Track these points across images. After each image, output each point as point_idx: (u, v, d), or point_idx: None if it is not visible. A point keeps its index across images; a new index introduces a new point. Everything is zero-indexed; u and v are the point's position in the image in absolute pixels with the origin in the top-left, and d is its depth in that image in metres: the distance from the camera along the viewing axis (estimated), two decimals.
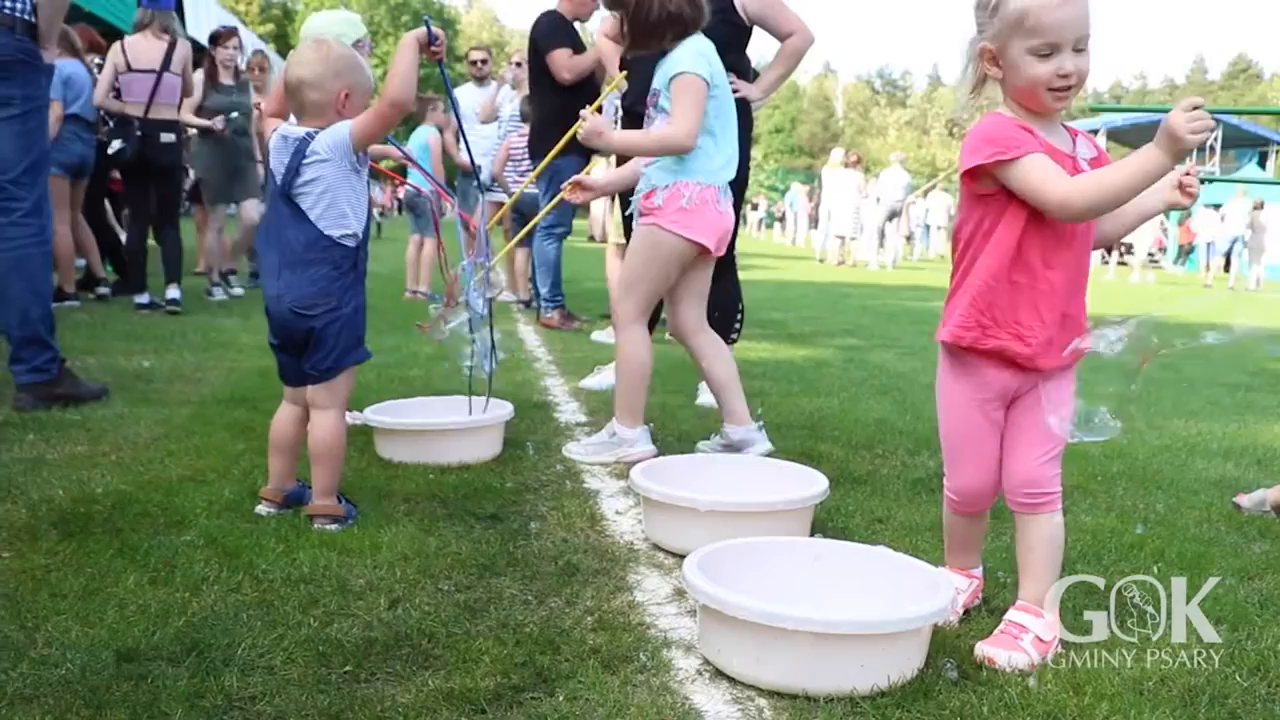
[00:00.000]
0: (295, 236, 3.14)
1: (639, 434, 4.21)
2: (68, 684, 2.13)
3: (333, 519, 3.20)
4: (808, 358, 7.44)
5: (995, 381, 2.52)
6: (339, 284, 3.17)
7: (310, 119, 3.19)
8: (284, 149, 3.15)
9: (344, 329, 3.20)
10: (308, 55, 3.20)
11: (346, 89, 3.18)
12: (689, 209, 4.01)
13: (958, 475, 2.67)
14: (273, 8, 62.64)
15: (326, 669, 2.26)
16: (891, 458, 4.36)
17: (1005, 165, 2.34)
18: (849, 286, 15.48)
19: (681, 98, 3.92)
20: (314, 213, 3.13)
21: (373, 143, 3.22)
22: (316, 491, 3.26)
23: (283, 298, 3.17)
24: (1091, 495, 3.88)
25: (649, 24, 3.99)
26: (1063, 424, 2.44)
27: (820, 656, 2.21)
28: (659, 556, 3.13)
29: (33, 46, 4.57)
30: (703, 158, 4.01)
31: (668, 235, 4.04)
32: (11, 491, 3.38)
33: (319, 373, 3.22)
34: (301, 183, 3.12)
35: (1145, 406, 5.86)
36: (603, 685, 2.23)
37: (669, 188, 4.01)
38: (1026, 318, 2.43)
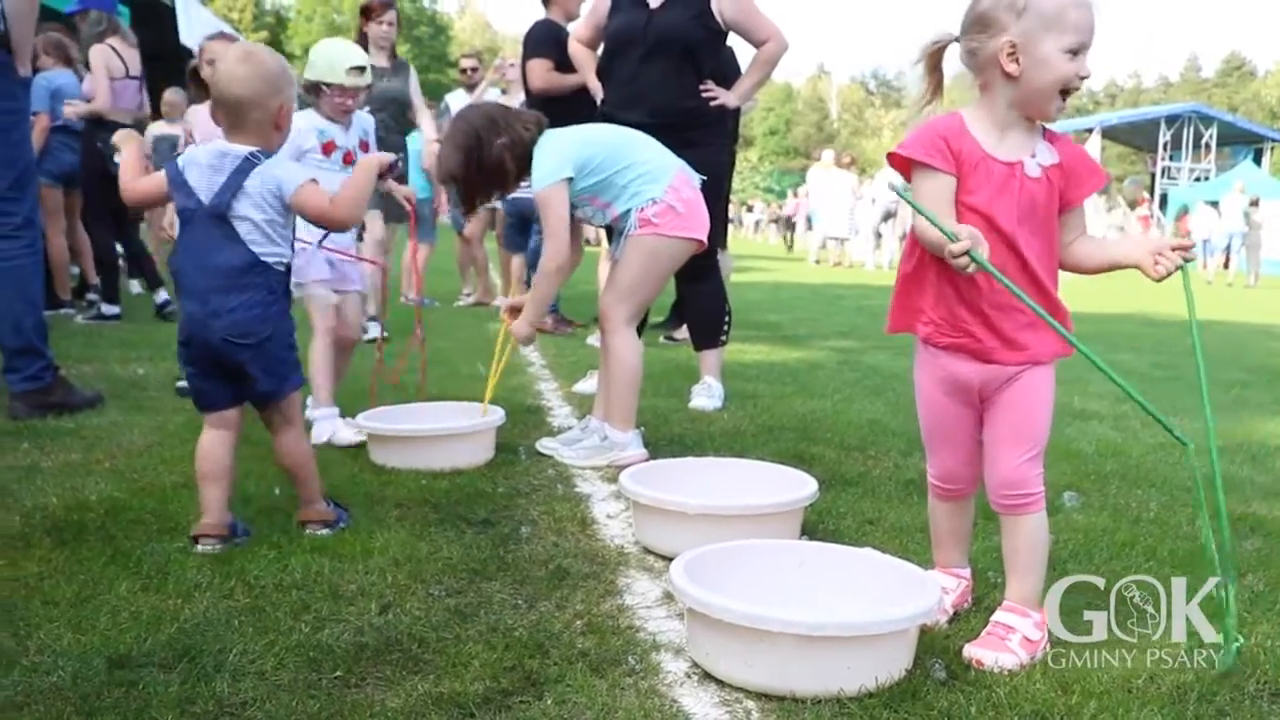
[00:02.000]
0: (227, 259, 2.98)
1: (631, 437, 4.22)
2: (59, 691, 2.14)
3: (324, 523, 3.19)
4: (801, 359, 7.45)
5: (955, 369, 2.57)
6: (275, 309, 3.05)
7: (248, 136, 3.05)
8: (219, 167, 2.99)
9: (281, 355, 3.09)
10: (244, 72, 3.04)
11: (285, 102, 3.09)
12: (684, 211, 4.16)
13: (934, 459, 2.73)
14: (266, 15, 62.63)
15: (317, 674, 2.27)
16: (884, 459, 4.37)
17: (913, 165, 2.49)
18: (843, 288, 15.49)
19: (544, 214, 4.15)
20: (248, 236, 2.99)
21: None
22: (303, 500, 3.24)
23: (212, 324, 2.98)
24: (1084, 494, 3.89)
25: (490, 177, 4.16)
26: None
27: (806, 658, 2.22)
28: (649, 560, 3.14)
29: (6, 59, 4.52)
30: (646, 178, 4.17)
31: (670, 241, 4.17)
32: (5, 499, 3.39)
33: (263, 397, 3.13)
34: (238, 204, 2.98)
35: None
36: (591, 689, 2.24)
37: (655, 201, 4.14)
38: (966, 314, 2.51)
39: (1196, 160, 36.48)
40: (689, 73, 5.14)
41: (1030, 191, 2.46)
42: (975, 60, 2.48)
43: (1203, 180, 34.50)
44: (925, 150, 2.46)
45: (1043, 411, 2.53)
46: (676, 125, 4.87)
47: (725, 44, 5.46)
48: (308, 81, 4.36)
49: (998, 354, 2.51)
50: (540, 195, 4.09)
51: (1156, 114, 38.42)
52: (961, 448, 2.66)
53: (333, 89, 4.34)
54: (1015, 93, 2.44)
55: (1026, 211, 2.46)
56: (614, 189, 4.16)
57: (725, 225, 6.81)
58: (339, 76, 4.31)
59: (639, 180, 4.15)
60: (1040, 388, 2.52)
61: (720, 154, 5.47)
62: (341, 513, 3.29)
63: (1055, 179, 2.47)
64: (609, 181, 4.14)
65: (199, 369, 3.09)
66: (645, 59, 5.12)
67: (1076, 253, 2.57)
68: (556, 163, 4.08)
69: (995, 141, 2.47)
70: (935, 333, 2.57)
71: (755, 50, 5.34)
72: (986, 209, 2.45)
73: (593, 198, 4.18)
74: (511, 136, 4.07)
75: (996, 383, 2.54)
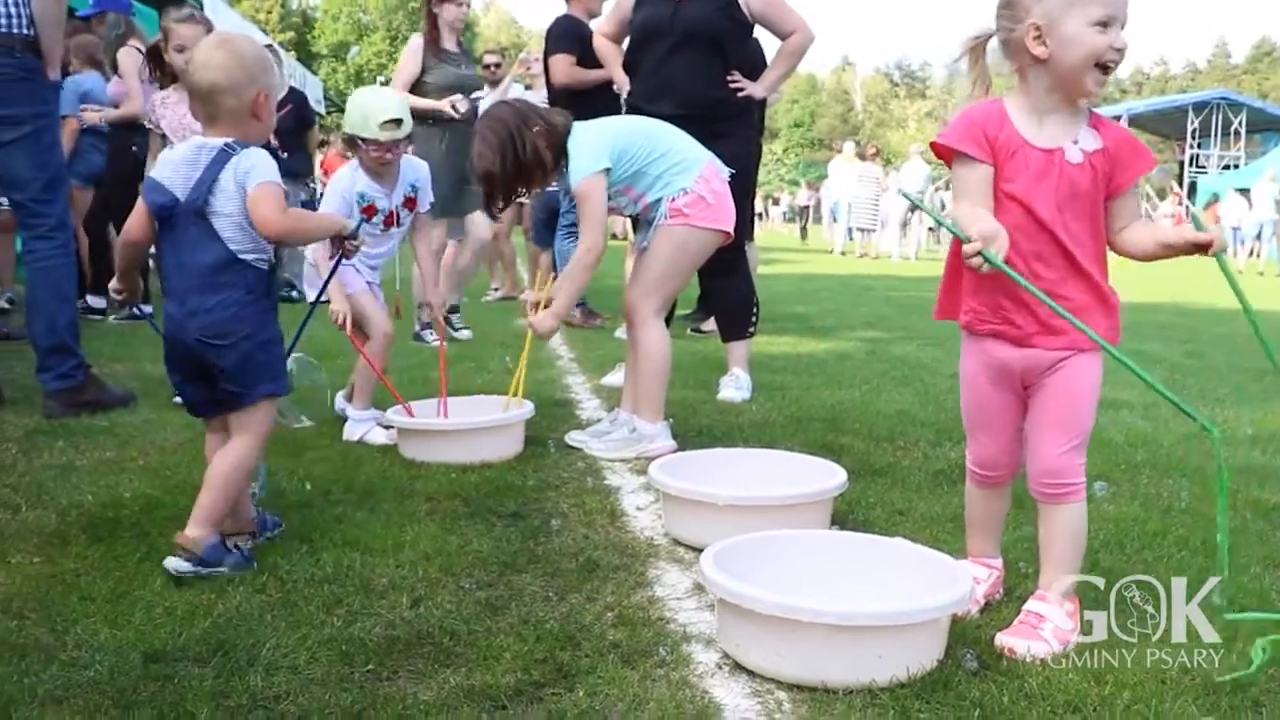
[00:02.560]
0: (204, 258, 2.83)
1: (660, 429, 4.23)
2: (97, 685, 2.17)
3: (188, 556, 2.77)
4: (829, 350, 7.43)
5: (997, 354, 2.57)
6: (251, 309, 2.87)
7: (225, 126, 2.90)
8: (195, 161, 2.85)
9: (255, 360, 2.89)
10: (219, 58, 2.89)
11: (263, 91, 2.92)
12: (714, 202, 4.18)
13: (974, 444, 2.71)
14: (292, 15, 62.89)
15: (349, 668, 2.29)
16: (913, 449, 4.36)
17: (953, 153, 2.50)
18: (871, 279, 15.44)
19: (584, 206, 4.11)
20: (226, 233, 2.83)
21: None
22: (191, 518, 2.84)
23: (188, 325, 2.84)
24: (1115, 484, 3.87)
25: (521, 173, 4.10)
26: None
27: (838, 648, 2.22)
28: (679, 551, 3.15)
29: (36, 63, 4.58)
30: (678, 168, 4.17)
31: (700, 232, 4.18)
32: (41, 497, 3.43)
33: (232, 396, 2.93)
34: (215, 199, 2.82)
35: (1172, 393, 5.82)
36: (622, 680, 2.25)
37: (687, 191, 4.14)
38: (1004, 300, 2.50)
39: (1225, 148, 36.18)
40: (716, 64, 5.14)
41: (1071, 178, 2.43)
42: (1008, 48, 2.48)
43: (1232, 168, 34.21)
44: (961, 139, 2.47)
45: (1085, 401, 2.51)
46: (704, 116, 4.87)
47: (751, 36, 5.45)
48: (345, 135, 4.35)
49: (1036, 339, 2.50)
50: (580, 188, 4.07)
51: (1184, 101, 38.15)
52: (1002, 435, 2.64)
53: (368, 143, 4.29)
54: (1049, 76, 2.42)
55: (1067, 198, 2.44)
56: (646, 179, 4.16)
57: (752, 218, 6.79)
58: (372, 131, 4.25)
59: (671, 170, 4.15)
60: (1083, 376, 2.50)
61: (747, 145, 5.48)
62: (229, 555, 2.85)
63: (1100, 165, 2.43)
64: (642, 172, 4.14)
65: (181, 373, 2.97)
66: (672, 51, 5.13)
67: (1128, 239, 2.52)
68: (594, 154, 4.07)
69: (1035, 128, 2.46)
70: (975, 320, 2.57)
71: (781, 42, 5.34)
72: (1025, 197, 2.44)
73: (627, 188, 4.18)
74: (546, 125, 4.05)
75: (1039, 369, 2.52)
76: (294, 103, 10.11)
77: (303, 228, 3.06)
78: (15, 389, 5.06)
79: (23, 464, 3.84)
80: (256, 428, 2.95)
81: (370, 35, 62.29)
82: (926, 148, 7.79)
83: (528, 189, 4.20)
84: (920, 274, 17.15)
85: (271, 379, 2.96)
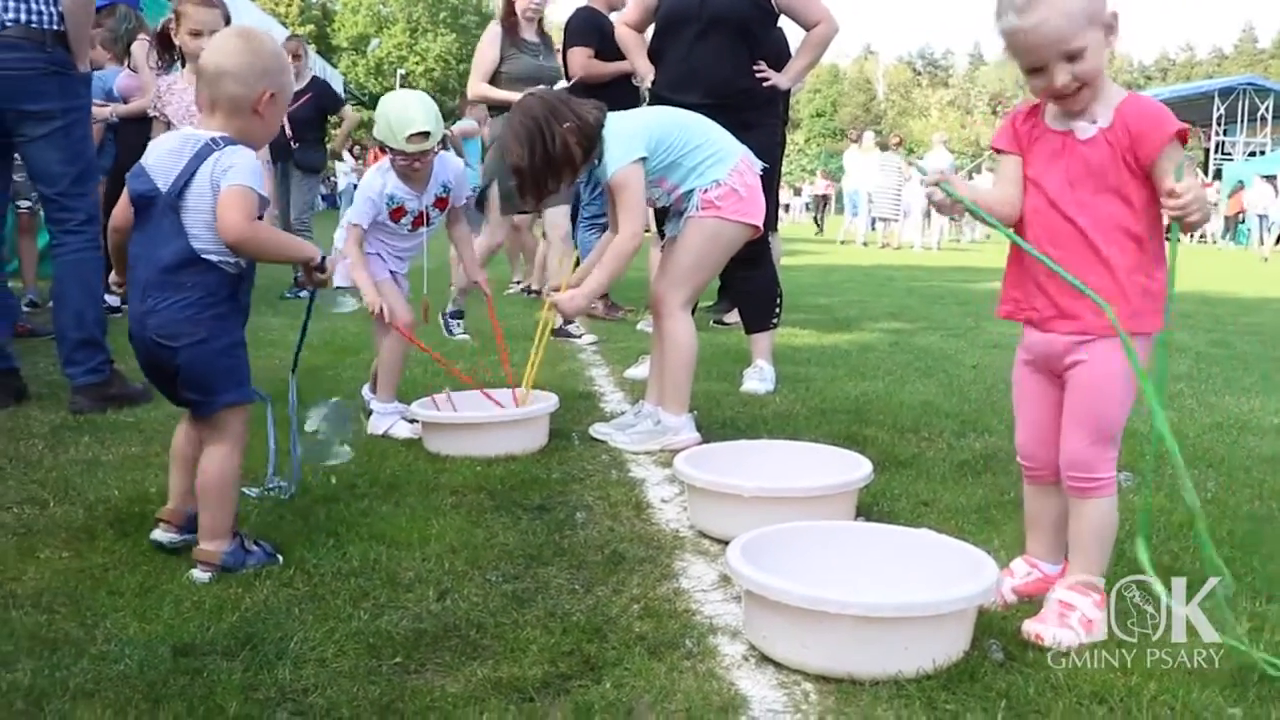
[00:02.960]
0: (165, 253, 2.72)
1: (685, 421, 4.23)
2: (127, 679, 2.18)
3: (209, 567, 2.77)
4: (852, 342, 7.42)
5: (1029, 340, 2.60)
6: (209, 314, 2.75)
7: (222, 116, 2.81)
8: (180, 152, 2.75)
9: (212, 366, 2.79)
10: (234, 44, 2.84)
11: (271, 89, 2.82)
12: (745, 195, 4.16)
13: (1017, 434, 2.72)
14: (312, 9, 63.02)
15: (377, 660, 2.30)
16: (937, 440, 4.35)
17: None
18: (893, 269, 15.40)
19: (622, 195, 4.06)
20: (193, 229, 2.72)
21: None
22: (200, 532, 2.84)
23: (146, 322, 2.75)
24: (1140, 474, 3.84)
25: (549, 168, 4.04)
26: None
27: (864, 640, 2.22)
28: (704, 543, 3.15)
29: (65, 57, 4.61)
30: (712, 159, 4.15)
31: (731, 225, 4.16)
32: (69, 493, 3.45)
33: (194, 405, 2.88)
34: (189, 194, 2.72)
35: (1196, 384, 5.80)
36: (649, 672, 2.25)
37: (719, 184, 4.13)
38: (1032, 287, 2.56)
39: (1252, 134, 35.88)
40: (743, 52, 5.14)
41: (1082, 156, 2.44)
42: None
43: (1258, 154, 33.92)
44: (997, 136, 2.63)
45: (1105, 392, 2.48)
46: (732, 106, 4.86)
47: (776, 25, 5.44)
48: (375, 140, 4.34)
49: (1052, 323, 2.52)
50: (617, 177, 4.03)
51: (1210, 87, 37.83)
52: (1035, 424, 2.64)
53: (396, 153, 4.27)
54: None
55: (1078, 176, 2.44)
56: (681, 170, 4.14)
57: (777, 208, 6.78)
58: (399, 143, 4.21)
59: (706, 162, 4.13)
60: (1102, 367, 2.47)
61: (774, 135, 5.48)
62: (248, 555, 2.84)
63: (1116, 141, 2.41)
64: (677, 163, 4.12)
65: (143, 368, 2.91)
66: (700, 38, 5.12)
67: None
68: (630, 143, 4.05)
69: (1055, 112, 2.50)
70: (1015, 309, 2.60)
71: (805, 33, 5.33)
72: (1038, 178, 2.49)
73: (660, 179, 4.16)
74: (576, 121, 4.00)
75: (1059, 355, 2.52)
76: (314, 92, 10.10)
77: (263, 242, 2.77)
78: (40, 385, 5.09)
79: (49, 459, 3.86)
80: (229, 434, 2.86)
81: (390, 28, 62.34)
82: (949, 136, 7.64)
83: (556, 184, 4.16)
84: (943, 264, 17.10)
85: (234, 386, 2.84)
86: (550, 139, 3.96)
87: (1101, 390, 2.48)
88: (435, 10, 63.09)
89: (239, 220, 2.67)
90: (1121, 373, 2.46)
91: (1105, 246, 2.43)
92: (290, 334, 7.16)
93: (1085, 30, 2.36)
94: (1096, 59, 2.39)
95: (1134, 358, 2.34)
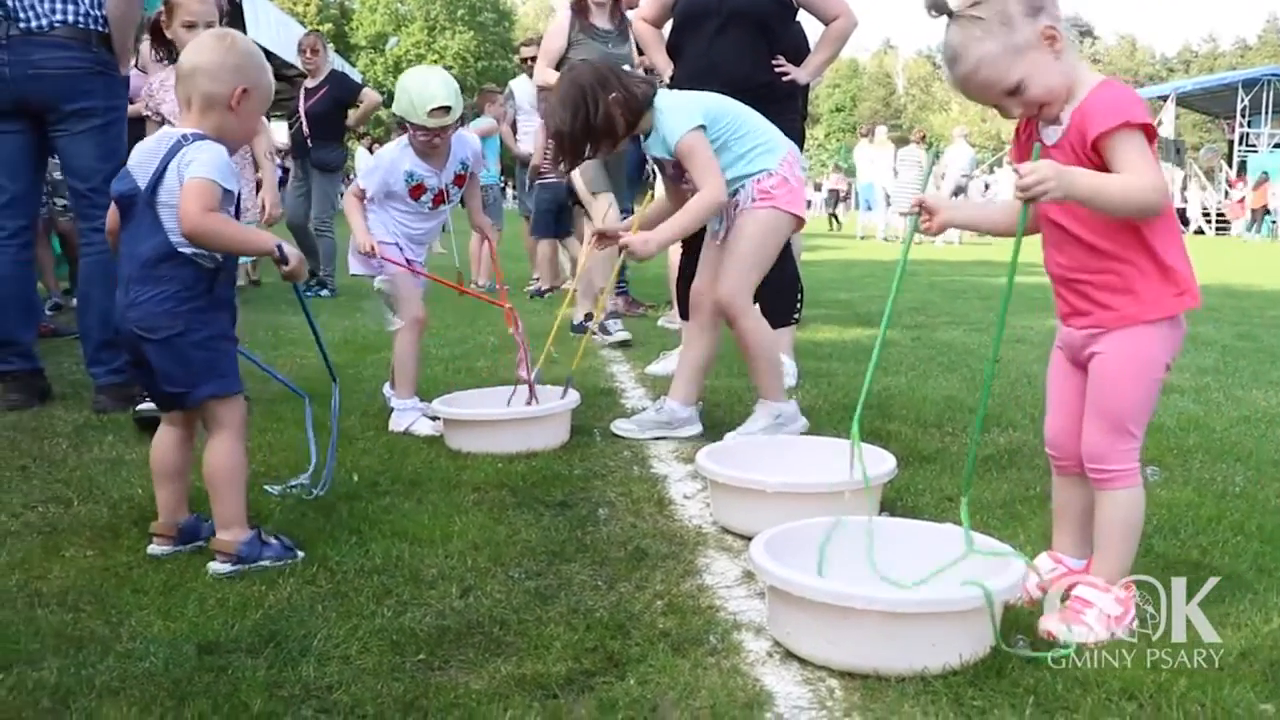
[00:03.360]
0: (146, 248, 2.79)
1: (793, 407, 4.31)
2: (152, 676, 2.19)
3: (227, 557, 2.80)
4: (874, 336, 7.35)
5: (1062, 333, 2.61)
6: (187, 307, 2.79)
7: (197, 113, 2.84)
8: (157, 150, 2.81)
9: (188, 357, 2.81)
10: (208, 42, 2.88)
11: (245, 86, 2.84)
12: (795, 186, 4.18)
13: (1046, 423, 2.72)
14: (330, 8, 63.21)
15: (401, 658, 2.30)
16: (961, 435, 4.32)
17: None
18: (915, 264, 15.29)
19: (693, 160, 4.00)
20: (169, 223, 2.77)
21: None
22: (216, 522, 2.89)
23: (127, 315, 2.81)
24: (1167, 469, 3.82)
25: (589, 136, 4.04)
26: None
27: (890, 636, 2.20)
28: (727, 539, 3.14)
29: (109, 58, 4.69)
30: (762, 148, 4.14)
31: (785, 216, 4.18)
32: (93, 491, 3.46)
33: (175, 398, 2.89)
34: (161, 189, 2.78)
35: (1223, 377, 5.76)
36: (673, 668, 2.25)
37: (771, 174, 4.13)
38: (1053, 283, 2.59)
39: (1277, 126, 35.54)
40: (763, 46, 5.12)
41: (1051, 160, 2.42)
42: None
43: None
44: (1012, 148, 2.66)
45: (1118, 385, 2.46)
46: (752, 100, 4.83)
47: (795, 19, 5.42)
48: (394, 116, 4.34)
49: (1070, 318, 2.54)
50: (682, 144, 3.99)
51: (1234, 79, 37.44)
52: (1062, 412, 2.63)
53: (416, 128, 4.27)
54: None
55: None
56: (730, 155, 4.10)
57: None
58: (420, 118, 4.20)
59: (756, 150, 4.12)
60: (1116, 360, 2.46)
61: (793, 130, 5.44)
62: (265, 548, 2.85)
63: (1073, 143, 2.40)
64: (727, 145, 4.10)
65: (129, 366, 2.96)
66: (720, 32, 5.10)
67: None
68: (688, 114, 4.02)
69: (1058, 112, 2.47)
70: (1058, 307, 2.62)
71: (824, 27, 5.31)
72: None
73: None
74: (624, 93, 3.98)
75: (1078, 348, 2.53)
76: (329, 86, 10.06)
77: (217, 232, 2.75)
78: (64, 384, 5.12)
79: (73, 458, 3.88)
80: (226, 425, 2.88)
81: (408, 26, 62.53)
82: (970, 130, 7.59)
83: (594, 151, 4.15)
84: (964, 258, 17.03)
85: (215, 378, 2.86)
86: (594, 108, 3.95)
87: (1113, 382, 2.47)
88: (453, 8, 63.21)
89: (193, 211, 2.70)
90: (1134, 365, 2.45)
91: (1100, 242, 2.43)
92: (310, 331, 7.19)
93: (1016, 63, 2.36)
94: (1044, 78, 2.37)
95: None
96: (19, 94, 4.52)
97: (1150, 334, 2.44)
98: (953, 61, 2.42)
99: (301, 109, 10.02)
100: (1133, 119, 2.32)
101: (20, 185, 4.78)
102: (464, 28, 62.68)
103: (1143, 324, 2.43)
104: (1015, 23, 2.36)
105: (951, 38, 2.41)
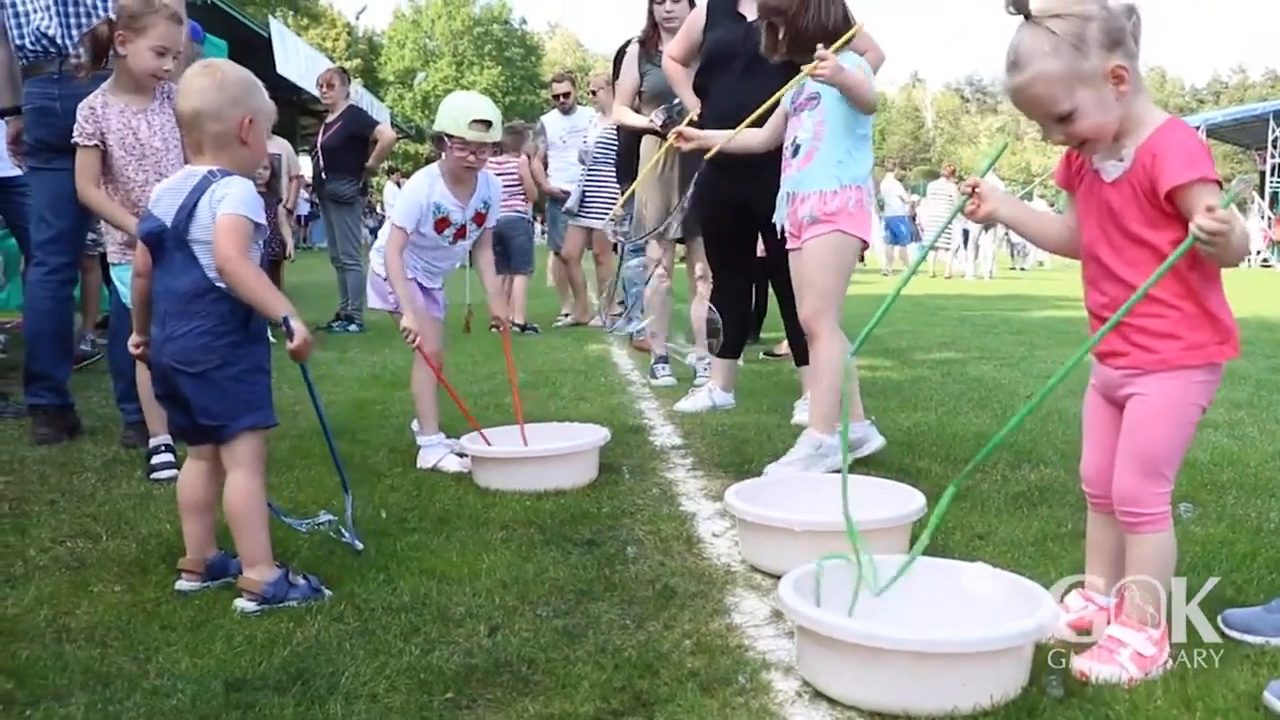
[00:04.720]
0: (182, 284, 2.83)
1: (867, 428, 4.44)
2: (179, 713, 2.19)
3: (252, 596, 2.80)
4: (904, 372, 7.36)
5: (1099, 371, 2.59)
6: (224, 341, 2.82)
7: (211, 153, 2.90)
8: (180, 189, 2.85)
9: (226, 390, 2.83)
10: (199, 83, 2.88)
11: (248, 114, 2.89)
12: (857, 213, 4.23)
13: (1083, 460, 2.70)
14: (359, 43, 63.84)
15: (428, 696, 2.29)
16: (992, 472, 4.28)
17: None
18: (945, 299, 15.28)
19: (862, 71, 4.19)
20: (204, 259, 2.81)
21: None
22: (242, 561, 2.89)
23: (164, 349, 2.84)
24: (1201, 505, 3.78)
25: (803, 34, 4.20)
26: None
27: (920, 676, 2.18)
28: (756, 578, 3.12)
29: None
30: (862, 162, 4.28)
31: (852, 239, 4.26)
32: (121, 527, 3.48)
33: (207, 431, 2.90)
34: (194, 226, 2.82)
35: (1257, 412, 5.71)
36: (702, 708, 2.23)
37: (837, 193, 4.19)
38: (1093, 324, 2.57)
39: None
40: None
41: (1105, 198, 2.43)
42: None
43: None
44: (1056, 169, 2.64)
45: (1153, 428, 2.44)
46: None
47: None
48: (434, 133, 4.36)
49: (1108, 358, 2.52)
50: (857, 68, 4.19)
51: (1265, 110, 37.24)
52: (1099, 449, 2.61)
53: (454, 141, 4.25)
54: None
55: (1106, 217, 2.44)
56: (862, 145, 4.29)
57: None
58: (460, 129, 4.20)
59: (859, 156, 4.28)
60: (1151, 402, 2.44)
61: None
62: (293, 588, 2.85)
63: (1137, 182, 2.37)
64: (851, 127, 4.24)
65: (163, 398, 2.97)
66: (746, 72, 5.11)
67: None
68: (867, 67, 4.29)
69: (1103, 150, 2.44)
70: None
71: None
72: (1081, 218, 2.53)
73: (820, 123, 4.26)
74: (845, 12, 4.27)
75: (1120, 389, 2.50)
76: (342, 121, 10.12)
77: (243, 278, 2.78)
78: (93, 418, 5.16)
79: (102, 493, 3.90)
80: (246, 459, 2.88)
81: (436, 61, 63.06)
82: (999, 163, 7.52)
83: (798, 46, 4.24)
84: (995, 293, 16.97)
85: (254, 409, 2.88)
86: (824, 6, 4.22)
87: (1148, 425, 2.45)
88: (481, 43, 63.67)
89: (230, 250, 2.76)
90: (1169, 409, 2.43)
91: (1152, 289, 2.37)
92: (337, 367, 7.22)
93: (1072, 93, 2.32)
94: (1098, 115, 2.34)
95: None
96: (70, 129, 4.56)
97: (1189, 379, 2.41)
98: (1012, 66, 2.37)
99: (318, 142, 10.12)
100: (1207, 175, 2.30)
101: (66, 222, 4.81)
102: (491, 63, 63.08)
103: (1182, 369, 2.40)
104: (1088, 50, 2.30)
105: (1019, 41, 2.35)
